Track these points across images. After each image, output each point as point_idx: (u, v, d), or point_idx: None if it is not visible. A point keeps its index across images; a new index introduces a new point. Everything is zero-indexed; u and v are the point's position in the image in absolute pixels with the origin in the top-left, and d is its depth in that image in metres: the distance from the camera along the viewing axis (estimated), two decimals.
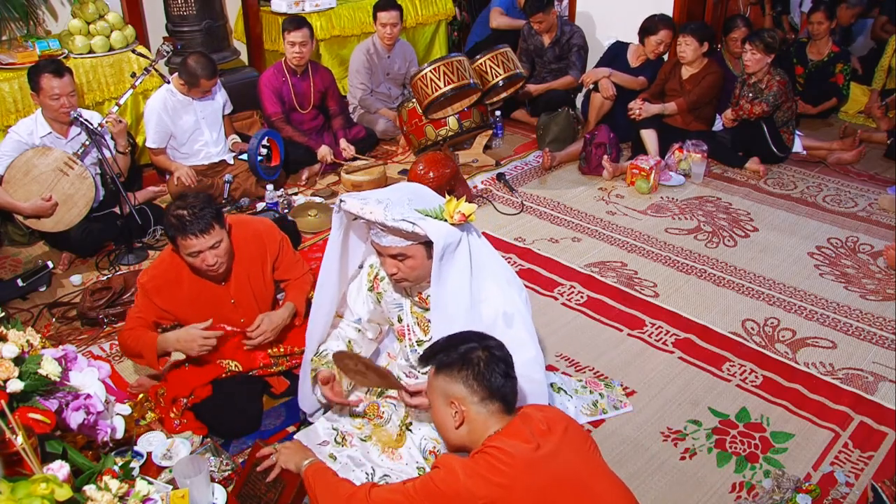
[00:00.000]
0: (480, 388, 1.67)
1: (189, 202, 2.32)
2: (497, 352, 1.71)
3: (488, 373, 1.67)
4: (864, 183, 4.42)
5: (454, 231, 1.93)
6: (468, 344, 1.72)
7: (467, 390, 1.68)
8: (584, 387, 2.67)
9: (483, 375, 1.67)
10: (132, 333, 2.50)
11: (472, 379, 1.67)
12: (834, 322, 3.13)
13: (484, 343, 1.72)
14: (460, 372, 1.68)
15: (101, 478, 1.45)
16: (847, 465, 2.39)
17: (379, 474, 2.20)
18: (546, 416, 1.72)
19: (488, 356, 1.69)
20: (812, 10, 5.21)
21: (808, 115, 5.21)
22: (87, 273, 3.56)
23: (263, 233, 2.62)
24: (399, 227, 1.91)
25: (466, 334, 1.77)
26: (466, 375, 1.68)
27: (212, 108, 4.13)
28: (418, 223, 1.89)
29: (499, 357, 1.70)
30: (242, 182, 4.15)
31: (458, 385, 1.68)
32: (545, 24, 4.97)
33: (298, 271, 2.70)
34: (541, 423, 1.67)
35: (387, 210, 1.91)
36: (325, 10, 5.21)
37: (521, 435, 1.63)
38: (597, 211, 4.12)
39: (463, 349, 1.70)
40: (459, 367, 1.69)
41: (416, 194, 2.03)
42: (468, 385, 1.68)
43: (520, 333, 2.05)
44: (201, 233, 2.30)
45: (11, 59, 4.02)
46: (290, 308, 2.62)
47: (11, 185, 3.41)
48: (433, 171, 3.86)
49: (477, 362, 1.68)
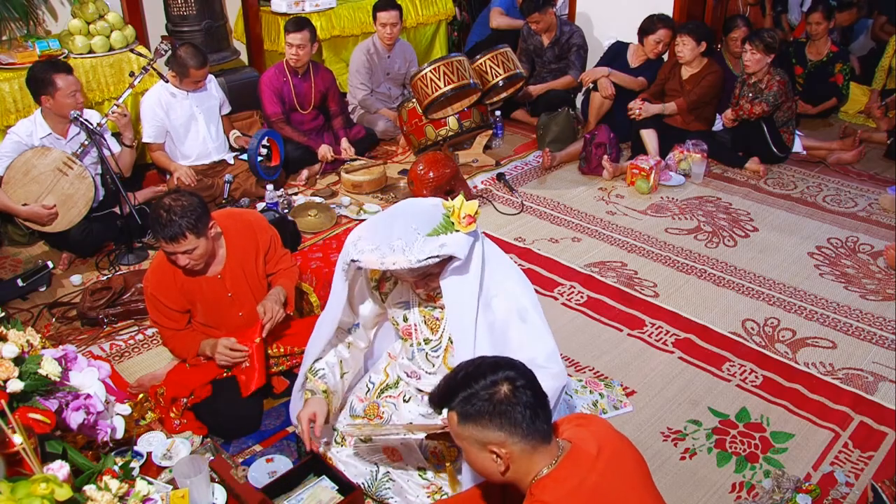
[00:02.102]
0: (518, 427, 1.49)
1: (172, 204, 2.29)
2: (519, 380, 1.52)
3: (521, 408, 1.49)
4: (864, 183, 4.42)
5: (468, 238, 1.90)
6: (486, 379, 1.51)
7: (505, 434, 1.49)
8: (584, 387, 2.67)
9: (517, 413, 1.49)
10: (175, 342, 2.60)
11: (507, 422, 1.49)
12: (834, 322, 3.13)
13: (503, 374, 1.52)
14: (493, 419, 1.49)
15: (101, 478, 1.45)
16: (847, 465, 2.39)
17: (382, 471, 2.22)
18: (594, 432, 1.60)
19: (512, 388, 1.50)
20: (810, 10, 5.21)
21: (808, 115, 5.21)
22: (87, 273, 3.56)
23: (255, 224, 2.63)
24: (427, 265, 1.87)
25: (479, 368, 1.55)
26: (501, 421, 1.49)
27: (208, 103, 4.12)
28: (442, 252, 1.84)
29: (523, 384, 1.52)
30: (242, 182, 4.15)
31: (493, 432, 1.50)
32: (542, 24, 4.97)
33: (285, 263, 2.73)
34: (590, 447, 1.54)
35: (407, 254, 1.84)
36: (325, 10, 5.21)
37: (572, 478, 1.50)
38: (597, 211, 4.12)
39: (484, 391, 1.50)
40: (490, 413, 1.49)
41: (415, 216, 1.93)
42: (504, 429, 1.49)
43: (537, 325, 2.02)
44: (171, 240, 2.30)
45: (11, 59, 4.01)
46: (280, 290, 2.61)
47: (11, 186, 3.41)
48: (433, 171, 3.86)
49: (506, 401, 1.49)
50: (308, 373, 2.23)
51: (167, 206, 2.29)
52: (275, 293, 2.59)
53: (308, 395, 2.16)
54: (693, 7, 5.03)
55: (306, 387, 2.21)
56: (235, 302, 2.58)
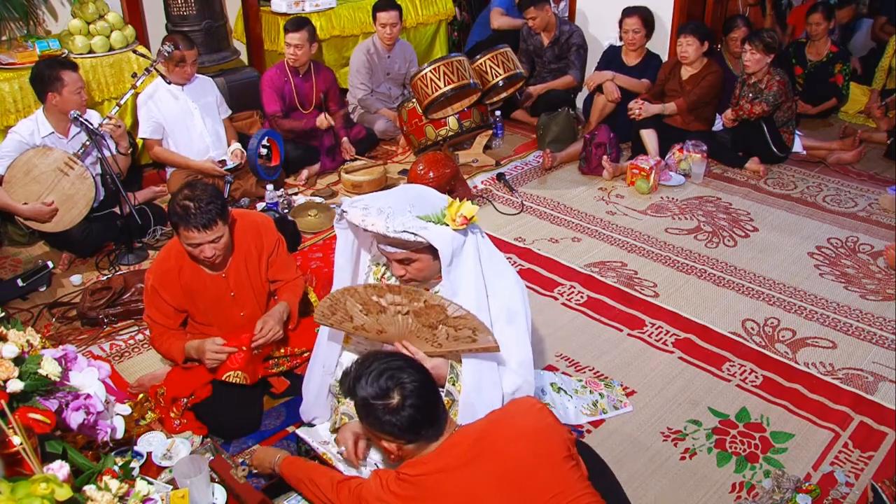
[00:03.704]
0: (403, 436, 1.68)
1: (197, 193, 2.31)
2: (409, 396, 1.66)
3: (406, 421, 1.66)
4: (864, 183, 4.42)
5: (458, 235, 1.92)
6: (379, 385, 1.67)
7: (393, 438, 1.70)
8: (584, 387, 2.67)
9: (401, 426, 1.66)
10: (163, 342, 2.55)
11: (393, 433, 1.68)
12: (834, 322, 3.13)
13: (396, 382, 1.67)
14: (381, 428, 1.68)
15: (101, 478, 1.45)
16: (847, 465, 2.39)
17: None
18: (490, 421, 1.75)
19: (401, 402, 1.66)
20: (810, 10, 5.21)
21: (808, 115, 5.21)
22: (87, 273, 3.56)
23: (261, 226, 2.62)
24: (400, 239, 1.91)
25: (375, 370, 1.70)
26: (387, 431, 1.68)
27: (203, 99, 4.10)
28: (420, 233, 1.88)
29: (412, 400, 1.66)
30: (242, 182, 4.15)
31: (382, 436, 1.71)
32: (539, 20, 4.96)
33: (291, 274, 2.70)
34: (469, 437, 1.70)
35: (388, 221, 1.89)
36: (325, 10, 5.21)
37: (431, 463, 1.68)
38: (597, 211, 4.12)
39: (377, 401, 1.67)
40: (378, 424, 1.68)
41: (419, 198, 2.01)
42: (391, 436, 1.69)
43: (520, 331, 2.05)
44: (204, 228, 2.30)
45: (11, 59, 4.01)
46: (285, 306, 2.60)
47: (12, 185, 3.41)
48: (433, 171, 3.86)
49: (393, 414, 1.66)
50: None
51: (192, 197, 2.29)
52: (278, 311, 2.56)
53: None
54: (693, 7, 5.02)
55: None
56: (238, 301, 2.58)
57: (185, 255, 2.46)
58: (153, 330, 2.58)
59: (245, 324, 2.58)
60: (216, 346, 2.43)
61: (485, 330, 1.90)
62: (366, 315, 1.99)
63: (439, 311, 1.90)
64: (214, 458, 2.21)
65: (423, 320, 1.94)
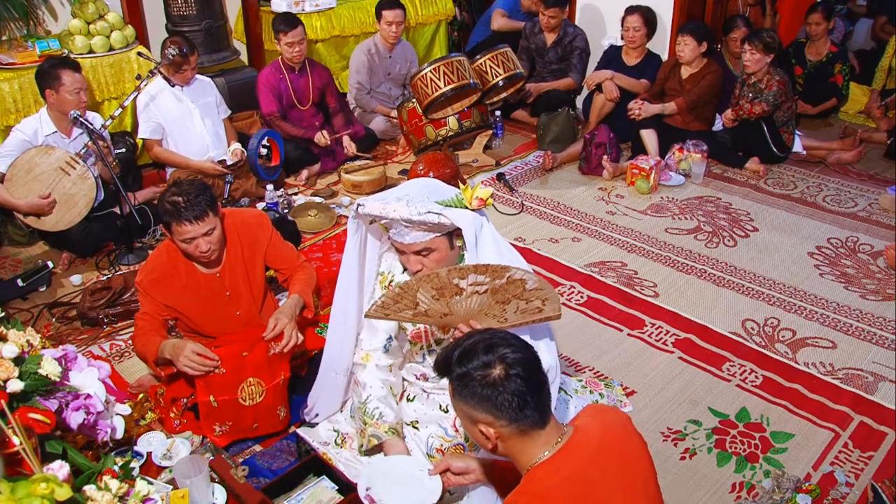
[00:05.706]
0: (505, 413, 1.49)
1: (184, 189, 2.32)
2: (514, 366, 1.49)
3: (509, 395, 1.48)
4: (864, 183, 4.42)
5: (478, 216, 1.96)
6: (479, 360, 1.51)
7: (492, 417, 1.50)
8: (584, 387, 2.67)
9: (504, 400, 1.48)
10: (140, 336, 2.47)
11: (494, 407, 1.49)
12: (834, 322, 3.13)
13: (498, 355, 1.51)
14: (480, 402, 1.49)
15: (101, 478, 1.44)
16: (847, 465, 2.39)
17: None
18: (603, 423, 1.59)
19: (504, 373, 1.48)
20: (810, 10, 5.21)
21: (808, 116, 5.21)
22: (87, 273, 3.56)
23: (254, 222, 2.62)
24: (425, 220, 1.90)
25: (475, 346, 1.54)
26: (487, 405, 1.49)
27: (203, 99, 4.10)
28: (444, 212, 1.91)
29: (517, 370, 1.49)
30: (242, 182, 4.15)
31: (480, 413, 1.50)
32: (557, 20, 4.97)
33: (293, 259, 2.66)
34: (592, 438, 1.54)
35: (409, 206, 1.91)
36: (325, 10, 5.21)
37: (564, 468, 1.49)
38: (597, 211, 4.12)
39: (477, 372, 1.50)
40: (478, 396, 1.49)
41: (432, 188, 2.05)
42: (491, 413, 1.49)
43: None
44: (196, 219, 2.30)
45: (11, 59, 4.01)
46: (297, 299, 2.52)
47: (13, 184, 3.41)
48: (433, 171, 3.85)
49: (495, 386, 1.48)
50: (365, 416, 2.18)
51: (180, 192, 2.31)
52: (290, 305, 2.46)
53: (373, 441, 2.15)
54: (693, 7, 5.03)
55: (368, 432, 2.16)
56: (233, 301, 2.57)
57: (180, 255, 2.46)
58: (135, 327, 2.51)
59: (241, 324, 2.57)
60: (193, 353, 2.27)
61: (555, 298, 1.87)
62: (436, 300, 1.89)
63: (518, 286, 1.86)
64: (214, 458, 2.21)
65: (498, 296, 1.88)
